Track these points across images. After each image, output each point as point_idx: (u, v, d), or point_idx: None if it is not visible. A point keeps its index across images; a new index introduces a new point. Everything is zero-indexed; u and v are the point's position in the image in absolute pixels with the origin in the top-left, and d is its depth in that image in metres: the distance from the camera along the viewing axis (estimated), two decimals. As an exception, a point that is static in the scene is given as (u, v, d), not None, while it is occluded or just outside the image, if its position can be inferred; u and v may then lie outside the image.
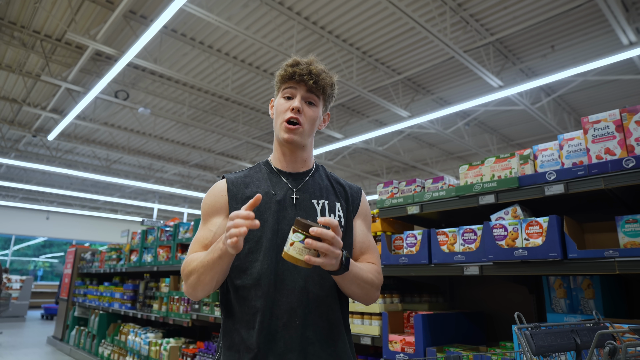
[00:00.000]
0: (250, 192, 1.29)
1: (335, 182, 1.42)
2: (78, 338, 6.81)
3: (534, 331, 1.03)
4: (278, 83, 1.34)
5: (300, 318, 1.18)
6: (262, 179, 1.34)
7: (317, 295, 1.22)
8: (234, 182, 1.32)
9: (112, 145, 12.66)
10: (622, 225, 1.59)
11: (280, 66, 1.34)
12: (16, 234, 19.10)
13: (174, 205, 19.96)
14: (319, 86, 1.29)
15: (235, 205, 1.27)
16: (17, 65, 8.21)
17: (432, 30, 6.05)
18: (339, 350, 1.22)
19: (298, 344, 1.16)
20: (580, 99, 9.30)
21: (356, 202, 1.40)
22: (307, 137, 1.32)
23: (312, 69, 1.28)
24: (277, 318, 1.18)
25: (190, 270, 1.19)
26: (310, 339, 1.18)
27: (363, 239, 1.36)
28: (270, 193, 1.29)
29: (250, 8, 6.54)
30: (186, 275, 1.21)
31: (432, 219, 2.62)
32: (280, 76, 1.31)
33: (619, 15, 5.75)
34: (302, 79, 1.27)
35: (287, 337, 1.17)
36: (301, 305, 1.19)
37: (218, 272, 1.14)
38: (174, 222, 5.08)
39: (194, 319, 4.05)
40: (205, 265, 1.14)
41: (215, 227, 1.27)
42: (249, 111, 10.24)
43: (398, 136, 11.20)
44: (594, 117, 1.73)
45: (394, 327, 2.24)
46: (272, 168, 1.37)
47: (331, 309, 1.24)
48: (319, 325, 1.20)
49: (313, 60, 1.31)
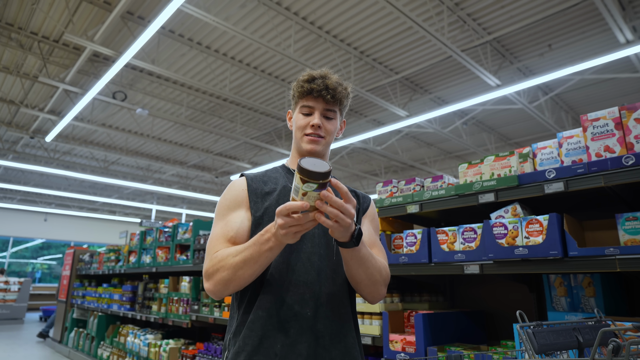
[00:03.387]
0: (269, 188, 1.33)
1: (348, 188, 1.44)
2: (77, 340, 6.79)
3: (536, 329, 1.03)
4: (296, 98, 1.36)
5: (311, 310, 1.19)
6: (280, 177, 1.38)
7: (329, 289, 1.23)
8: (252, 178, 1.35)
9: (110, 146, 12.63)
10: (623, 223, 1.58)
11: (296, 79, 1.37)
12: (14, 236, 19.04)
13: (172, 206, 19.92)
14: (337, 100, 1.32)
15: (255, 199, 1.29)
16: (15, 67, 8.18)
17: (429, 30, 6.05)
18: (348, 345, 1.23)
19: (308, 335, 1.17)
20: (577, 98, 9.32)
21: (365, 204, 1.45)
22: (326, 148, 1.37)
23: (329, 83, 1.30)
24: (288, 308, 1.18)
25: (221, 266, 1.15)
26: (320, 332, 1.19)
27: (369, 237, 1.38)
28: (288, 186, 1.33)
29: (247, 8, 6.54)
30: (215, 272, 1.16)
31: (431, 218, 2.62)
32: (298, 92, 1.33)
33: (616, 13, 5.76)
34: (320, 94, 1.30)
35: (297, 327, 1.17)
36: (313, 297, 1.20)
37: (263, 265, 1.11)
38: (173, 222, 5.07)
39: (194, 320, 4.03)
40: (246, 260, 1.10)
41: (240, 219, 1.27)
42: (247, 111, 10.23)
43: (396, 136, 11.21)
44: (593, 114, 1.73)
45: (394, 326, 2.24)
46: (289, 169, 1.42)
47: (342, 304, 1.25)
48: (330, 318, 1.21)
49: (327, 74, 1.33)
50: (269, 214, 1.26)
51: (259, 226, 1.25)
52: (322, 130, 1.31)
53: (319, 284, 1.22)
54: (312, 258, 1.24)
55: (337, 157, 12.81)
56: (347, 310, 1.27)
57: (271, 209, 1.27)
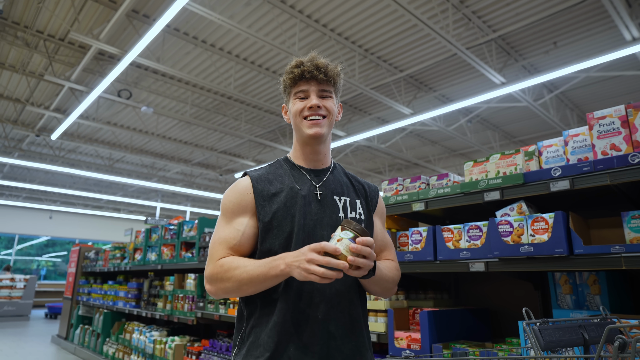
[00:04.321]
0: (275, 188, 1.29)
1: (354, 179, 1.44)
2: (82, 337, 6.85)
3: (542, 326, 1.03)
4: (288, 87, 1.34)
5: (322, 312, 1.19)
6: (285, 174, 1.34)
7: (339, 290, 1.23)
8: (257, 179, 1.30)
9: (114, 144, 12.69)
10: (628, 221, 1.59)
11: (285, 70, 1.35)
12: (19, 233, 19.18)
13: (176, 204, 20.00)
14: (330, 77, 1.31)
15: (262, 203, 1.26)
16: (21, 65, 8.23)
17: (434, 28, 6.03)
18: (359, 345, 1.24)
19: (320, 337, 1.18)
20: (583, 96, 9.27)
21: (374, 200, 1.43)
22: (329, 129, 1.34)
23: (318, 63, 1.30)
24: (299, 312, 1.19)
25: (227, 277, 1.17)
26: (332, 334, 1.19)
27: (382, 236, 1.40)
28: (295, 188, 1.29)
29: (252, 6, 6.54)
30: (219, 280, 1.19)
31: (436, 216, 2.62)
32: (290, 79, 1.31)
33: (622, 10, 5.72)
34: (312, 75, 1.28)
35: (309, 330, 1.17)
36: (324, 299, 1.20)
37: (267, 286, 1.16)
38: (178, 220, 5.10)
39: (199, 317, 4.06)
40: (252, 279, 1.14)
41: (243, 227, 1.25)
42: (251, 109, 10.24)
43: (400, 133, 11.19)
44: (599, 113, 1.73)
45: (399, 323, 2.25)
46: (294, 164, 1.37)
47: (353, 304, 1.26)
48: (341, 320, 1.22)
49: (315, 56, 1.32)
50: (277, 219, 1.24)
51: (269, 232, 1.24)
52: (322, 109, 1.29)
53: (329, 285, 1.21)
54: None
55: (341, 155, 12.80)
56: (358, 309, 1.27)
57: (279, 213, 1.24)
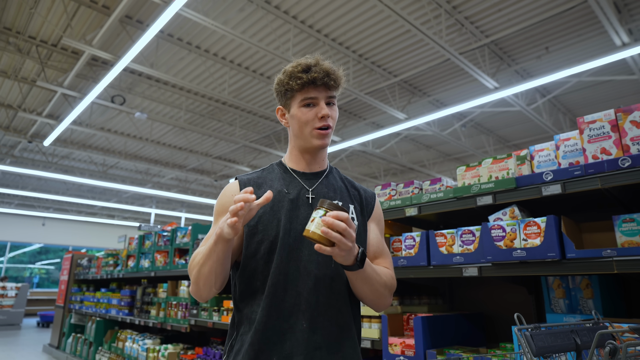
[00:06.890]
0: (264, 192, 1.25)
1: (349, 185, 1.40)
2: (75, 345, 6.76)
3: (534, 332, 1.03)
4: (293, 92, 1.26)
5: (307, 321, 1.15)
6: (275, 178, 1.32)
7: (327, 298, 1.18)
8: (246, 183, 1.30)
9: (108, 150, 12.62)
10: (620, 225, 1.59)
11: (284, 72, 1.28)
12: (12, 241, 18.98)
13: (171, 210, 19.89)
14: (338, 85, 1.28)
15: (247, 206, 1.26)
16: (13, 71, 8.19)
17: (427, 33, 6.08)
18: (346, 356, 1.19)
19: (304, 347, 1.13)
20: (575, 100, 9.35)
21: (370, 206, 1.39)
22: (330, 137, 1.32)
23: (327, 69, 1.25)
24: (283, 320, 1.15)
25: (192, 265, 1.19)
26: (317, 343, 1.15)
27: (377, 243, 1.34)
28: (283, 192, 1.27)
29: (246, 12, 6.56)
30: (190, 272, 1.21)
31: (430, 221, 2.62)
32: (297, 85, 1.24)
33: (612, 16, 5.79)
34: (323, 82, 1.23)
35: (293, 339, 1.14)
36: (309, 307, 1.16)
37: (215, 260, 1.11)
38: (172, 226, 5.06)
39: (192, 324, 4.02)
40: (204, 255, 1.14)
41: None
42: (246, 115, 10.24)
43: (395, 138, 11.23)
44: (589, 117, 1.74)
45: (393, 329, 2.24)
46: (287, 168, 1.35)
47: (341, 313, 1.20)
48: (327, 329, 1.17)
49: (319, 59, 1.27)
50: (263, 223, 1.22)
51: (254, 236, 1.21)
52: (329, 119, 1.26)
53: (316, 293, 1.17)
54: (309, 266, 1.19)
55: (336, 160, 12.82)
56: (347, 318, 1.22)
57: (265, 216, 1.22)
